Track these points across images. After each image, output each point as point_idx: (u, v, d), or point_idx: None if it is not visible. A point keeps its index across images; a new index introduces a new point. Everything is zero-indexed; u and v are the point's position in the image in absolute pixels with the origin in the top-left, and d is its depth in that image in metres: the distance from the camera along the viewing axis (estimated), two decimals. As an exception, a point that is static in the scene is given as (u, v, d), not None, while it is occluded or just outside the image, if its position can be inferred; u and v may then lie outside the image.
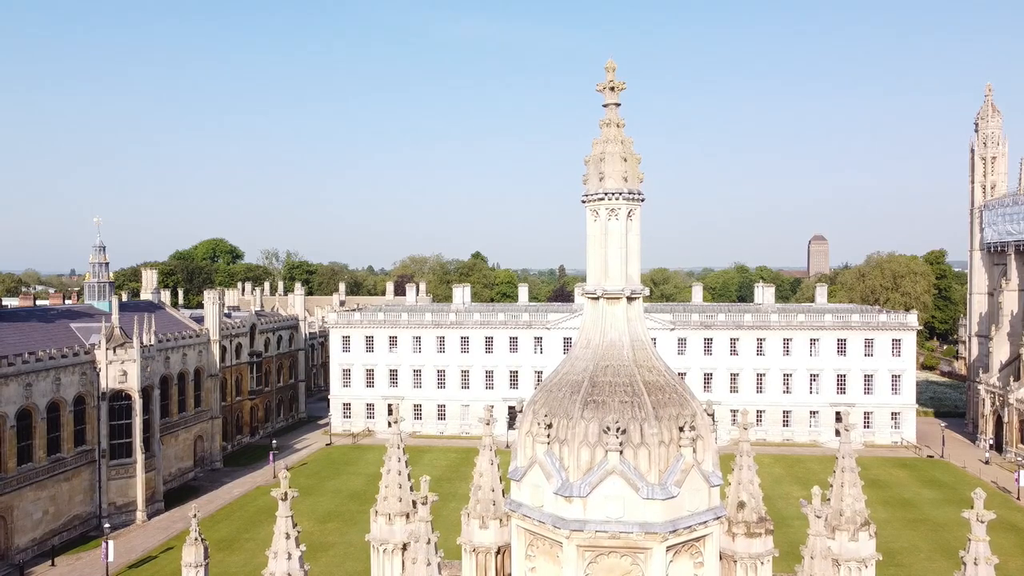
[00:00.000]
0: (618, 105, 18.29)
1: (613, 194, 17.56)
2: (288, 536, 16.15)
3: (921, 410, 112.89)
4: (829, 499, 21.76)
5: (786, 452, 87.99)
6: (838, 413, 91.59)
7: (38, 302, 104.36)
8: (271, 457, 78.42)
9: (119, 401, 63.31)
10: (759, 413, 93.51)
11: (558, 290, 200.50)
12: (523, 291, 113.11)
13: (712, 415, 18.52)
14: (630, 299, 17.79)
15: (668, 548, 16.31)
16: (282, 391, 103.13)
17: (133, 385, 63.04)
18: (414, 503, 22.81)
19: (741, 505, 21.72)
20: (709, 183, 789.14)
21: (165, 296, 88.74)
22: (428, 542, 14.93)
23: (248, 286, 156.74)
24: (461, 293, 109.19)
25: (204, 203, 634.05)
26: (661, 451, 16.51)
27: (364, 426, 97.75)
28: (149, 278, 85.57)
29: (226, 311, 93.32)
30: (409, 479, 22.84)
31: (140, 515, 63.61)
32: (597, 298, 17.88)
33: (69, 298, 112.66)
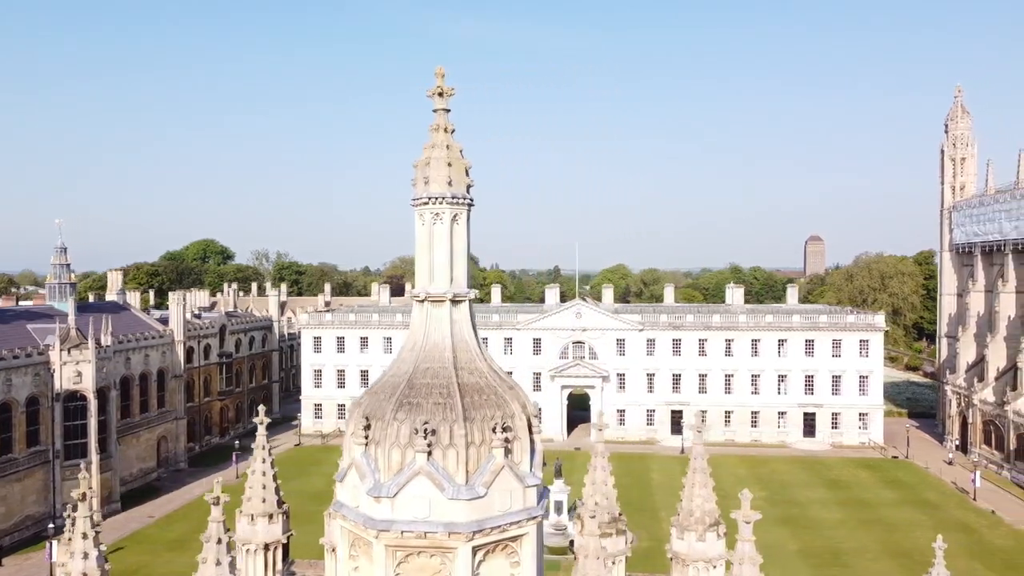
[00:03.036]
0: (447, 111, 18.49)
1: (437, 198, 17.77)
2: (86, 536, 16.41)
3: (896, 411, 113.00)
4: (682, 499, 21.97)
5: (753, 453, 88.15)
6: (806, 414, 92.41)
7: (22, 303, 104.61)
8: (235, 458, 78.72)
9: (75, 402, 63.59)
10: (727, 414, 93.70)
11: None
12: (495, 292, 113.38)
13: (539, 413, 18.71)
14: (455, 301, 18.00)
15: (476, 548, 16.53)
16: (255, 392, 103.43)
17: (88, 386, 63.31)
18: (278, 503, 23.04)
19: (595, 505, 21.94)
20: (709, 183, 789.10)
21: (135, 298, 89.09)
22: (219, 541, 15.16)
23: (234, 287, 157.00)
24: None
25: (203, 203, 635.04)
26: (471, 452, 16.71)
27: (335, 426, 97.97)
28: (114, 279, 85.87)
29: (196, 312, 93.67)
30: (275, 480, 23.08)
31: (95, 515, 63.77)
32: (422, 300, 18.13)
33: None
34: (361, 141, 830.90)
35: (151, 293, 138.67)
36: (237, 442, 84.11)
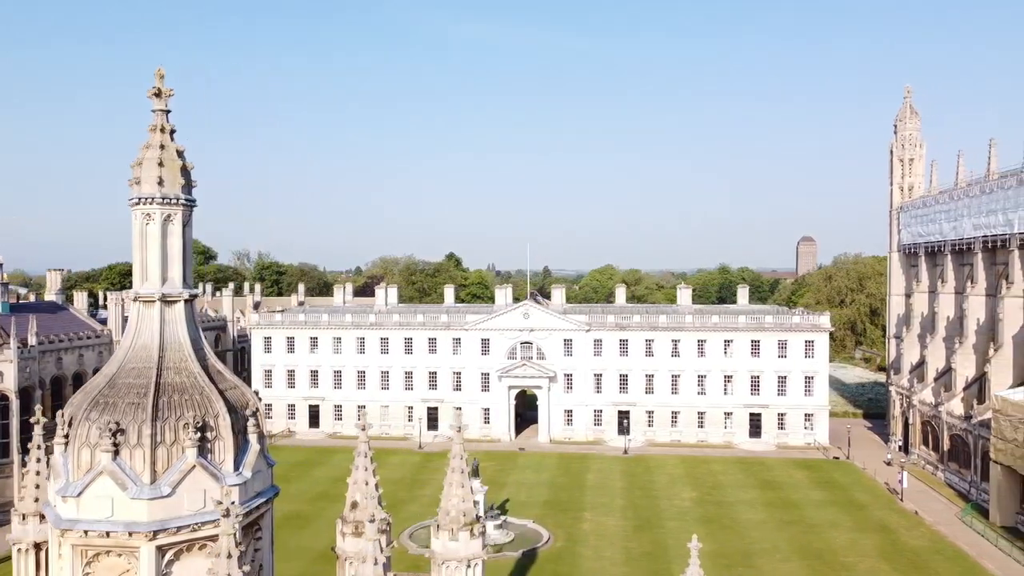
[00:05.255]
0: (167, 111, 18.51)
1: (147, 199, 17.85)
2: None
3: (852, 412, 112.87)
4: (441, 500, 22.04)
5: (697, 453, 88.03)
6: (752, 414, 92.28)
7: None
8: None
9: (-2, 401, 63.75)
10: (674, 414, 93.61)
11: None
12: (448, 292, 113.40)
13: (257, 412, 18.73)
14: (167, 302, 18.05)
15: (162, 548, 16.59)
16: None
17: (9, 386, 63.41)
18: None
19: (354, 505, 22.05)
20: (708, 184, 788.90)
21: (81, 298, 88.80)
22: None
23: (209, 287, 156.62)
24: (384, 294, 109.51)
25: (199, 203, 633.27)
26: (160, 452, 16.78)
27: (285, 426, 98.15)
28: (53, 280, 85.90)
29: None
30: (49, 479, 23.10)
31: (17, 515, 63.90)
32: (135, 300, 18.20)
33: (29, 297, 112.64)
34: (360, 140, 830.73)
35: (100, 293, 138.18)
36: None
